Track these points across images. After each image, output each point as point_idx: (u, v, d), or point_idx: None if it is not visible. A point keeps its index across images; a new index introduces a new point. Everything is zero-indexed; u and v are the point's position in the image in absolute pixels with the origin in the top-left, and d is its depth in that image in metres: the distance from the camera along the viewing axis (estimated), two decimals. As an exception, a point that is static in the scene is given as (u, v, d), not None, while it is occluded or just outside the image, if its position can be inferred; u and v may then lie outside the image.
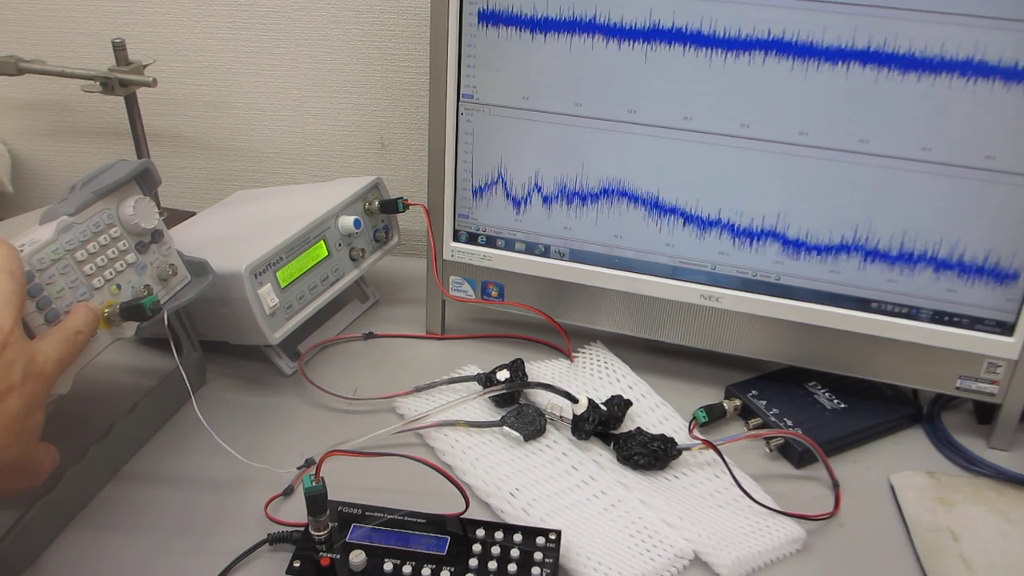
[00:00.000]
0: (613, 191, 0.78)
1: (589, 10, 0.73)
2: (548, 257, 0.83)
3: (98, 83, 0.93)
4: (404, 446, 0.74)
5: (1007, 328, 0.72)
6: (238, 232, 0.86)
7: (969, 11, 0.64)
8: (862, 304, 0.75)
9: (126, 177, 0.65)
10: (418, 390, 0.79)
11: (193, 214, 0.98)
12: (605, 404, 0.75)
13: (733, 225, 0.76)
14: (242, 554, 0.63)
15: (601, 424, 0.73)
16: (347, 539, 0.62)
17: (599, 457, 0.72)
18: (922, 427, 0.78)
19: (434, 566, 0.60)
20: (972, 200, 0.69)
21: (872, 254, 0.73)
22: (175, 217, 0.96)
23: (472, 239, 0.85)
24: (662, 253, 0.79)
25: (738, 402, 0.78)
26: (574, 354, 0.85)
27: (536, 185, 0.81)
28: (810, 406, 0.77)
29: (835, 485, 0.69)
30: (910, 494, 0.69)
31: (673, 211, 0.77)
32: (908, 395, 0.80)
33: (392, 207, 0.89)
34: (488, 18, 0.75)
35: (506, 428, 0.73)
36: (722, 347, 0.80)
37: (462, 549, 0.61)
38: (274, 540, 0.63)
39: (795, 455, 0.72)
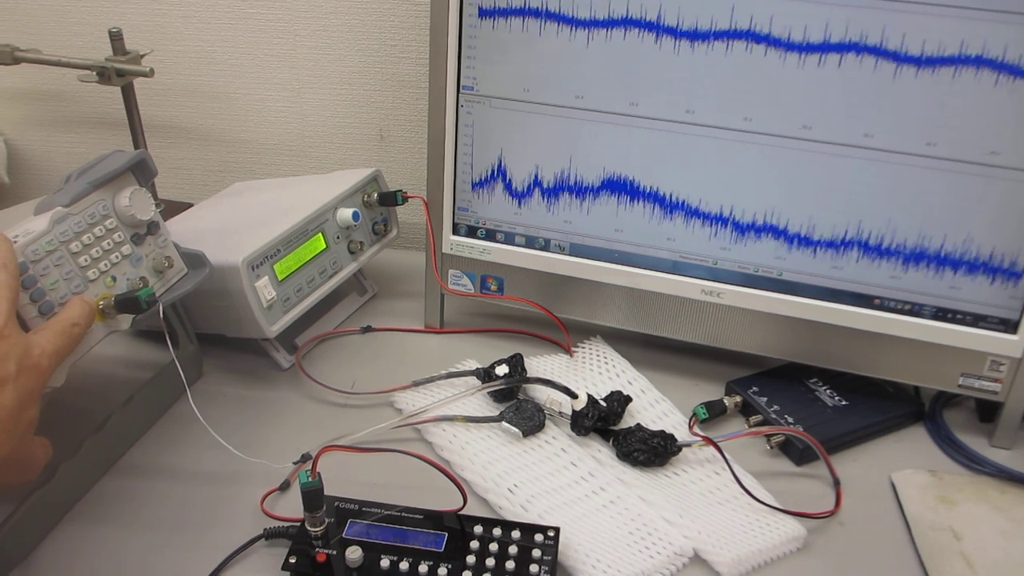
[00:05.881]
0: (614, 185, 0.78)
1: (591, 3, 0.72)
2: (548, 251, 0.82)
3: (95, 73, 0.93)
4: (402, 441, 0.73)
5: (1010, 326, 0.71)
6: (235, 224, 0.85)
7: (973, 5, 0.63)
8: (864, 300, 0.74)
9: (122, 168, 0.65)
10: (416, 385, 0.79)
11: (190, 206, 0.98)
12: (605, 400, 0.74)
13: (735, 220, 0.75)
14: (238, 549, 0.62)
15: (600, 420, 0.73)
16: (344, 535, 0.62)
17: (598, 453, 0.72)
18: (924, 425, 0.77)
19: (431, 563, 0.59)
20: (976, 196, 0.69)
21: (875, 250, 0.73)
22: (172, 208, 0.95)
23: (471, 232, 0.84)
24: (663, 248, 0.78)
25: (739, 398, 0.77)
26: (574, 349, 0.85)
27: (536, 178, 0.80)
28: (811, 403, 0.77)
29: (836, 483, 0.69)
30: (911, 492, 0.69)
31: (674, 205, 0.77)
32: (910, 393, 0.79)
33: (391, 200, 0.88)
34: (489, 12, 0.75)
35: (505, 423, 0.73)
36: (723, 343, 0.80)
37: (460, 545, 0.61)
38: (270, 535, 0.63)
39: (796, 452, 0.72)
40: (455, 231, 0.84)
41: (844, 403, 0.77)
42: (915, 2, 0.64)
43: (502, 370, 0.77)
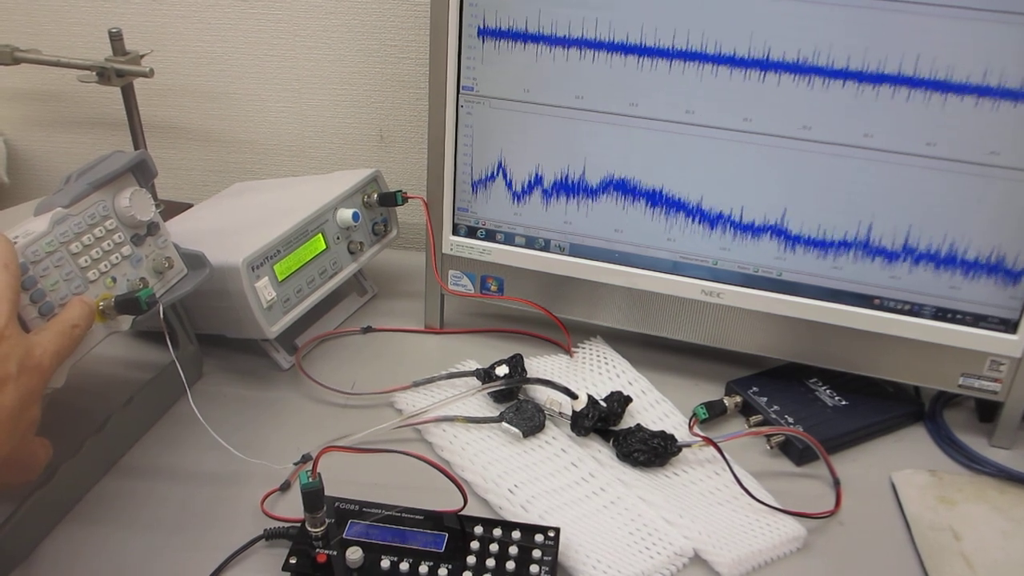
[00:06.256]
0: (614, 185, 0.78)
1: (589, 31, 0.72)
2: (548, 251, 0.82)
3: (94, 73, 0.92)
4: (402, 442, 0.73)
5: (1010, 326, 0.71)
6: (235, 225, 0.85)
7: (974, 5, 0.63)
8: (864, 300, 0.74)
9: (122, 168, 0.65)
10: (416, 385, 0.79)
11: (190, 206, 0.98)
12: (605, 400, 0.74)
13: (735, 220, 0.75)
14: (238, 550, 0.62)
15: (600, 420, 0.73)
16: (344, 535, 0.61)
17: (598, 454, 0.72)
18: (924, 425, 0.77)
19: (432, 563, 0.59)
20: (976, 196, 0.69)
21: (875, 250, 0.73)
22: (172, 209, 0.95)
23: (471, 233, 0.84)
24: (663, 248, 0.78)
25: (739, 399, 0.77)
26: (574, 349, 0.85)
27: (536, 178, 0.80)
28: (811, 403, 0.77)
29: (836, 483, 0.69)
30: (911, 492, 0.69)
31: (674, 205, 0.77)
32: (910, 392, 0.79)
33: (391, 200, 0.88)
34: (488, 33, 0.75)
35: (505, 424, 0.73)
36: (723, 343, 0.80)
37: (460, 546, 0.61)
38: (270, 536, 0.63)
39: (796, 452, 0.72)
40: (455, 231, 0.84)
41: (844, 403, 0.77)
42: (917, 2, 0.64)
43: (502, 370, 0.77)
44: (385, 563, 0.59)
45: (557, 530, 0.62)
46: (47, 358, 0.55)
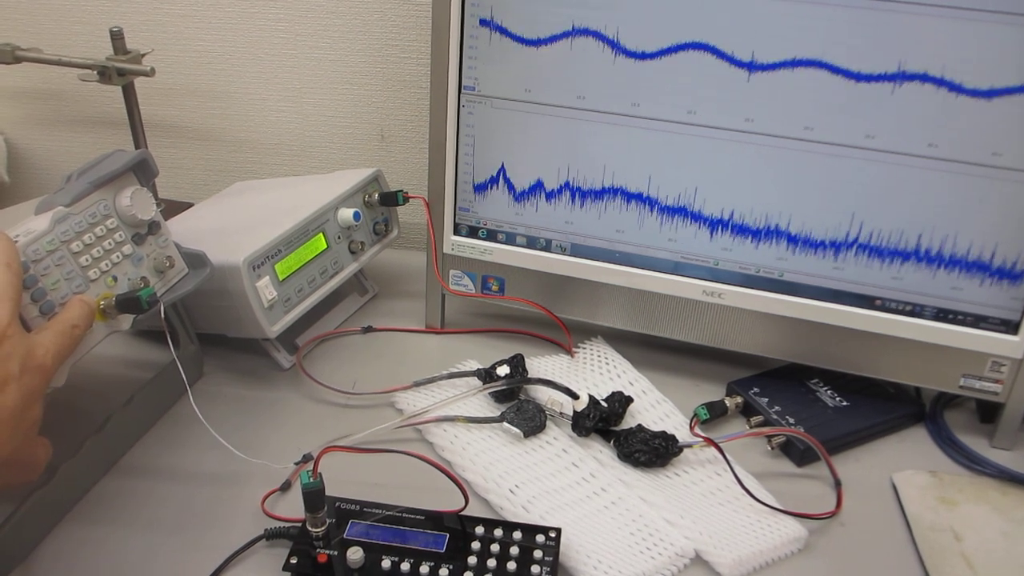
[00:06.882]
0: (615, 185, 0.78)
1: (590, 30, 0.73)
2: (549, 251, 0.82)
3: (95, 72, 0.92)
4: (403, 442, 0.73)
5: (1012, 327, 0.71)
6: (236, 224, 0.85)
7: (973, 6, 0.63)
8: (866, 301, 0.74)
9: (123, 167, 0.64)
10: (417, 385, 0.79)
11: (191, 205, 0.98)
12: (606, 400, 0.74)
13: (736, 220, 0.75)
14: (239, 549, 0.62)
15: (602, 421, 0.73)
16: (345, 535, 0.61)
17: (599, 454, 0.72)
18: (924, 426, 0.77)
19: (432, 563, 0.59)
20: (978, 197, 0.69)
21: (876, 251, 0.73)
22: (172, 208, 0.95)
23: (472, 233, 0.84)
24: (664, 248, 0.78)
25: (740, 399, 0.77)
26: (575, 350, 0.85)
27: (538, 178, 0.80)
28: (812, 404, 0.77)
29: (837, 484, 0.69)
30: (912, 493, 0.69)
31: (676, 206, 0.77)
32: (911, 393, 0.79)
33: (392, 200, 0.88)
34: (489, 24, 0.75)
35: (506, 424, 0.73)
36: (724, 344, 0.80)
37: (461, 546, 0.61)
38: (271, 536, 0.63)
39: (797, 453, 0.72)
40: (456, 231, 0.84)
41: (845, 404, 0.76)
42: (918, 3, 0.64)
43: (503, 371, 0.77)
44: (386, 563, 0.59)
45: (558, 530, 0.62)
46: (49, 358, 0.54)
